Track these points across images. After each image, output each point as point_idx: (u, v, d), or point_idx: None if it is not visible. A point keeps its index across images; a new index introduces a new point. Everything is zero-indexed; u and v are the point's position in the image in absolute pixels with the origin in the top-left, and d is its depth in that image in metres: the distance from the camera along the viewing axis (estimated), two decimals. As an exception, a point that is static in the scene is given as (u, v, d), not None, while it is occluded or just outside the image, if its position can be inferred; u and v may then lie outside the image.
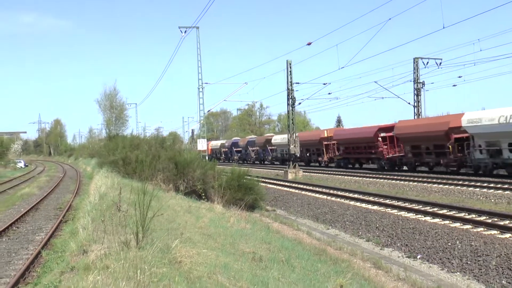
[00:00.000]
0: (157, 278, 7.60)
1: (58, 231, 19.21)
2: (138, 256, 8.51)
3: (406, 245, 18.13)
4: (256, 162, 77.23)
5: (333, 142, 54.10)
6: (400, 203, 24.47)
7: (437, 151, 37.87)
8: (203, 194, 25.43)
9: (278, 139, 68.11)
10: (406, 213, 22.04)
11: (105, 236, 9.93)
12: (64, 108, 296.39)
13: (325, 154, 56.29)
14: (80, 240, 10.99)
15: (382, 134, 44.40)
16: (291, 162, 47.82)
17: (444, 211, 21.38)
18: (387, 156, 43.47)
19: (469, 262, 15.13)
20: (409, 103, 52.51)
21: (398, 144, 43.29)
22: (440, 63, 50.02)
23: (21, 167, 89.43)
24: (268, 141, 72.05)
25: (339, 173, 45.40)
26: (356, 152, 49.59)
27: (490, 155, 32.20)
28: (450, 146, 35.85)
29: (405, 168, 43.08)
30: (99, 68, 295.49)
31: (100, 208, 14.56)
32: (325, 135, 56.22)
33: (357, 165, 51.96)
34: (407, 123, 43.50)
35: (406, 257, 17.15)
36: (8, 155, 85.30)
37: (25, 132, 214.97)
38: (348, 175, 42.16)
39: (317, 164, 60.11)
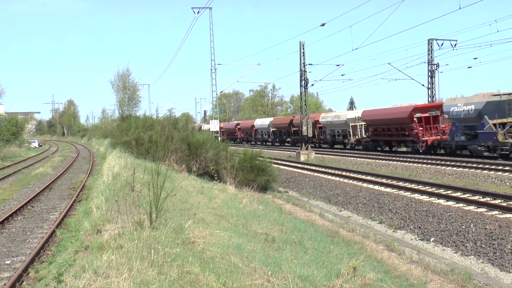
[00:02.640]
0: (170, 258, 7.62)
1: (72, 210, 19.36)
2: (152, 236, 8.54)
3: (419, 227, 18.05)
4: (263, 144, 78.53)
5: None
6: (413, 186, 24.38)
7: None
8: (216, 175, 25.43)
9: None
10: (420, 195, 21.93)
11: (118, 216, 9.95)
12: (77, 88, 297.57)
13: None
14: (94, 219, 11.04)
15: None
16: (303, 144, 47.72)
17: (458, 194, 21.27)
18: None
19: (483, 246, 15.04)
20: (423, 85, 52.10)
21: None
22: (455, 44, 49.45)
23: (35, 147, 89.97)
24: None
25: (351, 155, 45.26)
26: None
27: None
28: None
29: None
30: (112, 48, 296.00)
31: (113, 188, 14.60)
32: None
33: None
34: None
35: (419, 239, 17.08)
36: (22, 135, 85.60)
37: (39, 113, 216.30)
38: (360, 157, 42.02)
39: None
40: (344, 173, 31.73)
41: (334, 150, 55.22)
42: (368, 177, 28.84)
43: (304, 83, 48.31)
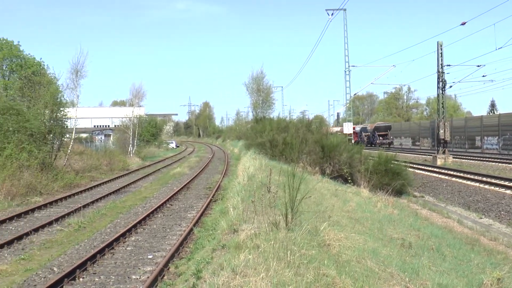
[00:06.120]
0: (306, 260, 7.58)
1: (208, 209, 19.91)
2: (288, 237, 8.55)
3: None
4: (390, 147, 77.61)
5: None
6: None
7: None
8: (350, 178, 25.18)
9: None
10: None
11: (255, 217, 10.07)
12: (213, 91, 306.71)
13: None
14: (230, 219, 11.27)
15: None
16: (440, 147, 46.18)
17: None
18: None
19: None
20: None
21: None
22: None
23: (173, 147, 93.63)
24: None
25: (492, 160, 43.17)
26: None
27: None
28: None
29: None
30: (246, 51, 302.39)
31: (249, 188, 14.84)
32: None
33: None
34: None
35: None
36: (161, 136, 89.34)
37: (177, 114, 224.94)
38: (502, 163, 39.94)
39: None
40: (484, 179, 30.27)
41: (474, 155, 52.95)
42: (512, 184, 27.32)
43: (442, 85, 46.65)
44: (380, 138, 73.80)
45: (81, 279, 11.31)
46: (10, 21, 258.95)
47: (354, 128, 77.90)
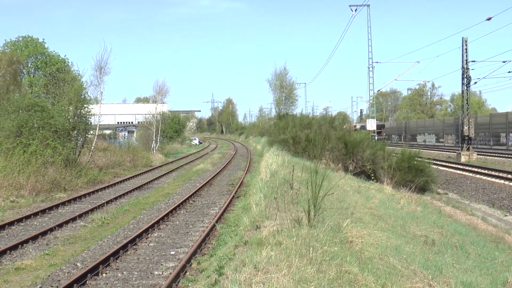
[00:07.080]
0: (329, 257, 7.58)
1: (231, 206, 19.94)
2: (310, 234, 8.55)
3: None
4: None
5: None
6: None
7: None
8: (373, 175, 25.05)
9: None
10: None
11: (277, 213, 10.07)
12: (235, 87, 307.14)
13: None
14: (252, 215, 11.27)
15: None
16: (464, 144, 45.76)
17: None
18: None
19: None
20: None
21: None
22: None
23: (196, 144, 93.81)
24: None
25: (517, 157, 42.63)
26: None
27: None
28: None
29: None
30: (269, 48, 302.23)
31: (271, 185, 14.83)
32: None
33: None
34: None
35: None
36: (184, 133, 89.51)
37: (200, 111, 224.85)
38: (528, 159, 39.43)
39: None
40: (509, 176, 29.90)
41: (499, 152, 52.38)
42: (538, 181, 26.95)
43: (466, 81, 46.15)
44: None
45: (104, 275, 11.41)
46: (36, 19, 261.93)
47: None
